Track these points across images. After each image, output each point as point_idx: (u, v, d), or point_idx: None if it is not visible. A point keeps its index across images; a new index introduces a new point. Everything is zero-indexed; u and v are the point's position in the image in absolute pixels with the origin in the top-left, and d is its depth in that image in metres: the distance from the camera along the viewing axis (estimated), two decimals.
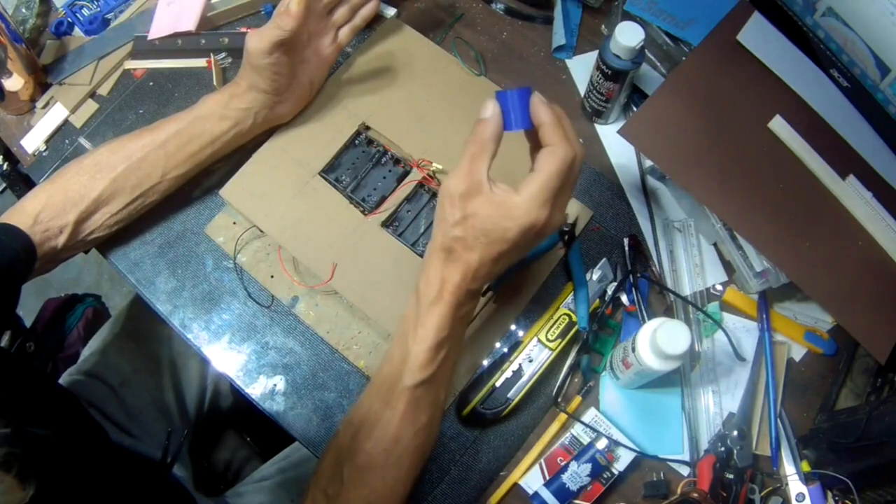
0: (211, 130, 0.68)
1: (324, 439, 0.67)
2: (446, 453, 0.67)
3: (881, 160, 0.70)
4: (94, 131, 0.81)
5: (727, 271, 0.72)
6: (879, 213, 0.66)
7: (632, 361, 0.60)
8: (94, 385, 0.83)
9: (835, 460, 0.62)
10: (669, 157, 0.68)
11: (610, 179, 0.76)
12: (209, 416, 0.93)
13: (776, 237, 0.66)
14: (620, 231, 0.74)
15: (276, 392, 0.69)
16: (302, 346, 0.71)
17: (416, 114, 0.75)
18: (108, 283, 1.69)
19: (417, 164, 0.72)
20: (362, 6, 0.74)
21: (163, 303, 0.73)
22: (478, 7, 0.85)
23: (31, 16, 0.86)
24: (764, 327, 0.69)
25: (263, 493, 0.85)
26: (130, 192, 0.67)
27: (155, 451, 0.79)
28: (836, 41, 0.69)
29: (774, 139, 0.69)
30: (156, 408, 0.85)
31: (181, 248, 0.75)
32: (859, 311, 0.65)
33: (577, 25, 0.84)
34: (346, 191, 0.73)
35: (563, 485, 0.62)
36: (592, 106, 0.77)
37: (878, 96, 0.68)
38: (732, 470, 0.63)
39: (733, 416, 0.67)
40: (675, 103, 0.69)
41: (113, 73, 0.84)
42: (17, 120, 0.83)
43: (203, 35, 0.83)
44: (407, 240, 0.71)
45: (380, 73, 0.77)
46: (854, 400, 0.67)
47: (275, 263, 0.72)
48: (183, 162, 0.68)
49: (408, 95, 0.75)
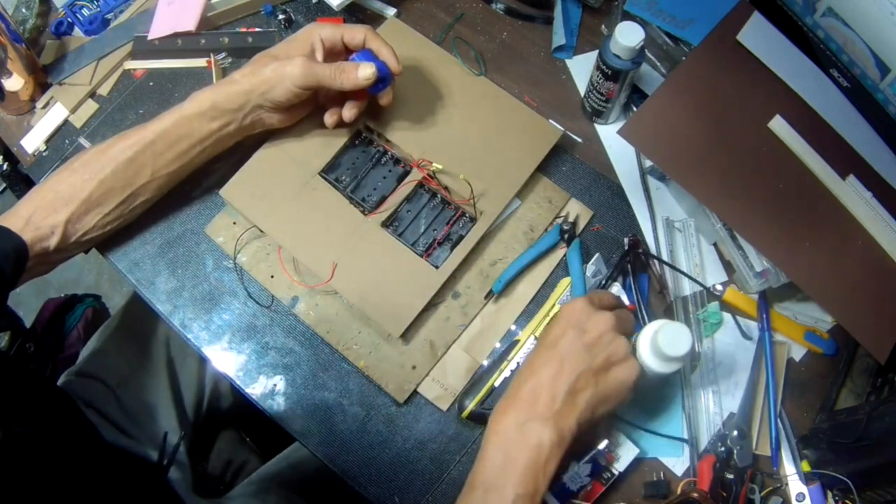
0: (200, 129, 0.67)
1: (324, 439, 0.67)
2: (446, 453, 0.67)
3: (881, 160, 0.70)
4: (94, 131, 0.81)
5: (727, 271, 0.72)
6: (879, 213, 0.66)
7: None
8: (93, 385, 0.83)
9: (835, 460, 0.62)
10: (669, 157, 0.68)
11: (610, 179, 0.76)
12: (208, 416, 0.93)
13: (776, 237, 0.66)
14: (620, 231, 0.74)
15: (276, 392, 0.69)
16: (302, 346, 0.71)
17: (416, 114, 0.75)
18: (108, 283, 1.69)
19: (417, 164, 0.72)
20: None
21: (163, 303, 0.73)
22: (478, 7, 0.85)
23: (31, 16, 0.86)
24: (764, 327, 0.69)
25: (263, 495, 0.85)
26: (121, 192, 0.67)
27: (153, 452, 0.79)
28: (836, 41, 0.69)
29: (774, 139, 0.69)
30: (154, 408, 0.85)
31: (181, 248, 0.75)
32: (859, 311, 0.65)
33: (577, 25, 0.84)
34: (346, 191, 0.73)
35: (564, 485, 0.62)
36: (592, 106, 0.77)
37: (878, 96, 0.68)
38: (732, 470, 0.63)
39: (733, 416, 0.67)
40: (675, 103, 0.69)
41: (113, 73, 0.83)
42: (17, 120, 0.83)
43: (203, 35, 0.83)
44: (407, 240, 0.71)
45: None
46: (854, 400, 0.67)
47: (275, 263, 0.72)
48: (172, 161, 0.68)
49: (408, 95, 0.75)
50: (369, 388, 0.69)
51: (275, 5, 0.85)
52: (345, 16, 0.84)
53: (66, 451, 0.59)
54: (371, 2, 0.85)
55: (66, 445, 0.60)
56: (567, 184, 0.76)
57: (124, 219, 0.70)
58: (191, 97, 0.68)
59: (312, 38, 0.68)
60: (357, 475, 0.66)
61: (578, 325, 0.56)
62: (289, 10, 0.85)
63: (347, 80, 0.66)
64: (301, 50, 0.68)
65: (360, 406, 0.69)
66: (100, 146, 0.67)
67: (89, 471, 0.63)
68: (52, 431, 0.60)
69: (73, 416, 0.67)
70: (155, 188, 0.69)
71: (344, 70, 0.66)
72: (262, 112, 0.69)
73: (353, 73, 0.66)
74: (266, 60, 0.67)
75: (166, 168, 0.68)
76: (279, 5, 0.85)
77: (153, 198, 0.70)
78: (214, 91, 0.67)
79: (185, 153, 0.68)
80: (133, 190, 0.67)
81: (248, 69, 0.67)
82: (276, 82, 0.66)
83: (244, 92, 0.66)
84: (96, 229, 0.67)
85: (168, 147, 0.67)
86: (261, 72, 0.66)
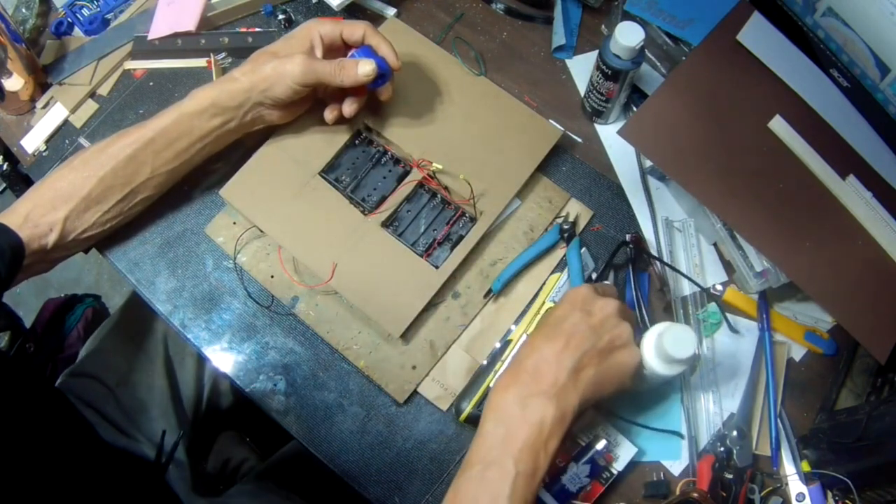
0: (200, 127, 0.67)
1: (324, 439, 0.67)
2: (446, 453, 0.67)
3: (881, 160, 0.70)
4: (94, 131, 0.81)
5: (727, 271, 0.72)
6: (879, 213, 0.66)
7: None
8: (92, 385, 0.83)
9: (835, 460, 0.62)
10: (669, 157, 0.68)
11: (610, 179, 0.76)
12: (207, 415, 0.93)
13: (776, 237, 0.66)
14: (620, 231, 0.74)
15: (276, 392, 0.69)
16: (302, 346, 0.71)
17: (416, 114, 0.75)
18: (108, 283, 1.69)
19: (417, 164, 0.72)
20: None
21: (163, 303, 0.73)
22: (478, 7, 0.85)
23: (31, 16, 0.86)
24: (764, 327, 0.69)
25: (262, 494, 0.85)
26: (120, 189, 0.66)
27: (151, 452, 0.79)
28: (836, 41, 0.69)
29: (774, 139, 0.69)
30: (153, 407, 0.85)
31: (181, 248, 0.75)
32: (859, 311, 0.65)
33: (577, 25, 0.84)
34: (346, 191, 0.73)
35: (563, 486, 0.62)
36: (592, 106, 0.77)
37: (878, 96, 0.68)
38: (732, 470, 0.63)
39: (733, 415, 0.67)
40: (675, 103, 0.69)
41: (113, 73, 0.84)
42: (17, 120, 0.83)
43: (203, 35, 0.83)
44: (407, 240, 0.71)
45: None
46: (854, 400, 0.67)
47: (275, 263, 0.72)
48: (172, 158, 0.68)
49: (408, 95, 0.75)
50: (369, 388, 0.69)
51: (275, 5, 0.85)
52: (345, 16, 0.84)
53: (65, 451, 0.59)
54: (371, 2, 0.85)
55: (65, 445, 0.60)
56: (567, 184, 0.76)
57: (124, 217, 0.70)
58: (191, 95, 0.68)
59: (312, 34, 0.68)
60: (357, 475, 0.66)
61: (584, 308, 0.56)
62: (289, 10, 0.85)
63: (348, 77, 0.66)
64: (301, 47, 0.68)
65: (360, 406, 0.69)
66: (99, 144, 0.67)
67: (88, 470, 0.63)
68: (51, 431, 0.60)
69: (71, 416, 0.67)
70: (155, 186, 0.69)
71: (344, 67, 0.66)
72: (263, 109, 0.69)
73: (353, 70, 0.66)
74: (266, 58, 0.67)
75: (166, 166, 0.68)
76: (279, 5, 0.85)
77: (153, 196, 0.70)
78: (214, 89, 0.67)
79: (185, 151, 0.68)
80: (133, 187, 0.67)
81: (248, 67, 0.67)
82: (276, 80, 0.66)
83: (244, 90, 0.66)
84: (96, 227, 0.67)
85: (168, 145, 0.67)
86: (261, 69, 0.66)
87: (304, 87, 0.66)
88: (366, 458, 0.67)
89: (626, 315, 0.57)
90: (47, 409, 0.62)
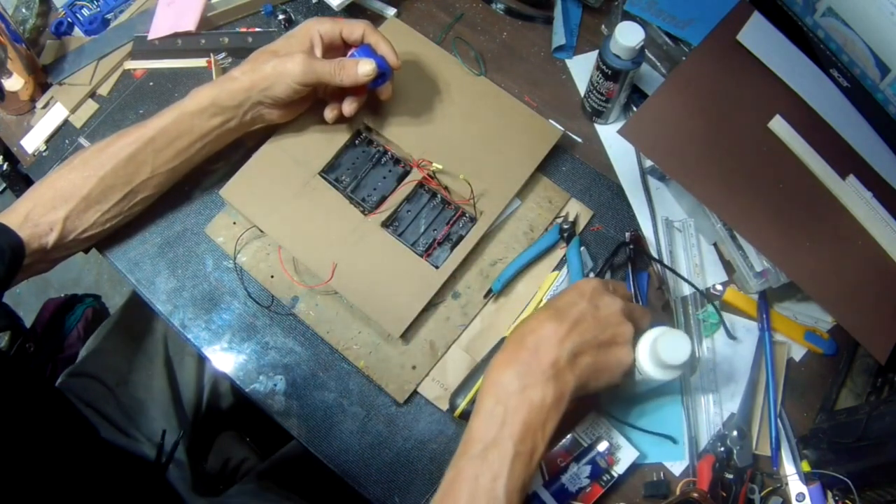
0: (200, 126, 0.67)
1: (324, 439, 0.68)
2: (446, 453, 0.67)
3: (881, 160, 0.70)
4: (94, 131, 0.81)
5: (727, 271, 0.72)
6: (879, 213, 0.66)
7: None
8: (92, 385, 0.83)
9: (835, 460, 0.62)
10: (669, 157, 0.68)
11: (610, 179, 0.76)
12: (208, 415, 0.93)
13: (776, 237, 0.66)
14: (620, 231, 0.74)
15: (276, 392, 0.69)
16: (302, 346, 0.71)
17: (416, 114, 0.75)
18: (108, 283, 1.69)
19: (417, 164, 0.72)
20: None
21: (163, 303, 0.73)
22: (478, 7, 0.85)
23: (31, 16, 0.86)
24: (764, 327, 0.69)
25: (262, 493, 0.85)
26: (121, 189, 0.66)
27: (152, 451, 0.79)
28: (836, 41, 0.69)
29: (774, 139, 0.69)
30: (153, 407, 0.85)
31: (181, 248, 0.75)
32: (859, 311, 0.65)
33: (577, 25, 0.84)
34: (346, 191, 0.73)
35: (563, 485, 0.62)
36: (592, 106, 0.77)
37: (878, 96, 0.68)
38: (732, 470, 0.63)
39: (733, 416, 0.67)
40: (675, 103, 0.69)
41: (113, 73, 0.84)
42: (17, 120, 0.83)
43: (203, 35, 0.83)
44: (407, 240, 0.71)
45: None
46: (854, 400, 0.67)
47: (275, 263, 0.72)
48: (172, 158, 0.68)
49: (408, 95, 0.75)
50: (369, 388, 0.69)
51: (275, 5, 0.85)
52: (345, 15, 0.84)
53: (65, 451, 0.59)
54: (371, 2, 0.85)
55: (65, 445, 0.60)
56: (567, 184, 0.76)
57: (124, 216, 0.70)
58: (191, 94, 0.68)
59: (311, 33, 0.68)
60: (357, 475, 0.66)
61: (592, 301, 0.56)
62: (289, 10, 0.85)
63: (348, 76, 0.66)
64: (300, 46, 0.68)
65: (360, 406, 0.69)
66: (100, 143, 0.67)
67: (88, 470, 0.63)
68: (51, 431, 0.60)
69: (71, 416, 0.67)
70: (155, 185, 0.69)
71: (344, 67, 0.66)
72: (263, 108, 0.69)
73: (353, 70, 0.66)
74: (266, 57, 0.67)
75: (166, 165, 0.68)
76: (279, 5, 0.85)
77: (153, 195, 0.70)
78: (214, 88, 0.67)
79: (185, 150, 0.68)
80: (133, 187, 0.67)
81: (248, 66, 0.67)
82: (276, 79, 0.66)
83: (244, 89, 0.66)
84: (96, 226, 0.67)
85: (168, 144, 0.67)
86: (261, 69, 0.66)
87: (304, 87, 0.66)
88: (366, 458, 0.67)
89: (630, 315, 0.57)
90: (47, 408, 0.62)
